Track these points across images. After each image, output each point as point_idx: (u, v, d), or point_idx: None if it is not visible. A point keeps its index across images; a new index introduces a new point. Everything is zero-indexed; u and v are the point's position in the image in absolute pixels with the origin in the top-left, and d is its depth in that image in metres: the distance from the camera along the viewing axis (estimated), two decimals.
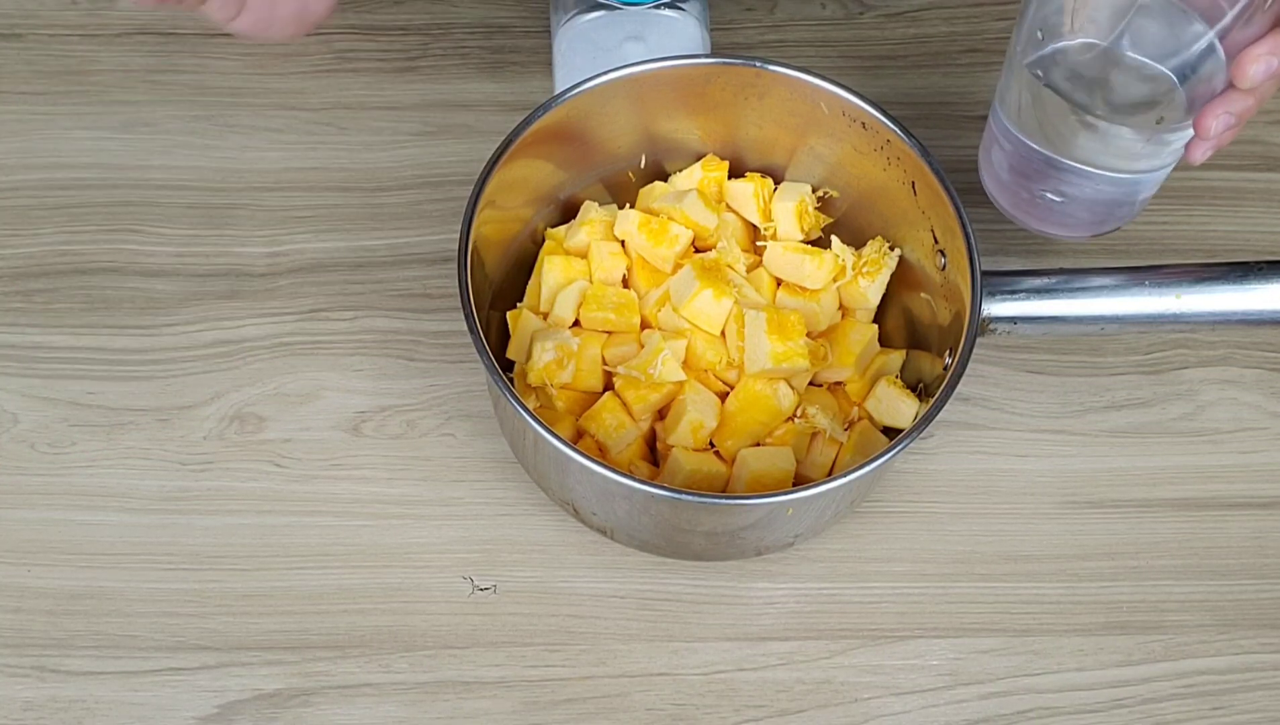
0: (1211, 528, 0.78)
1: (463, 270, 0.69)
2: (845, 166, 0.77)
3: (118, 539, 0.75)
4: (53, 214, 0.83)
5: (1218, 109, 0.68)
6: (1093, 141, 0.73)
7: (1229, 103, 0.68)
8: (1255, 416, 0.80)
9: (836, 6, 0.92)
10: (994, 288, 0.71)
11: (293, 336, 0.80)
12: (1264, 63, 0.66)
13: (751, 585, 0.76)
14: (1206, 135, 0.69)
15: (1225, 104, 0.68)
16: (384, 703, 0.72)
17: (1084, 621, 0.75)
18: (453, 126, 0.86)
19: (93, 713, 0.71)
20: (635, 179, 0.80)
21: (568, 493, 0.71)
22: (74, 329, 0.80)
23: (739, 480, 0.72)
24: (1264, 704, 0.74)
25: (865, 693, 0.73)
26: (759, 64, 0.75)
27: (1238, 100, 0.68)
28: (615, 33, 0.82)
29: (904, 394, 0.74)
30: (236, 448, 0.77)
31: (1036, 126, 0.74)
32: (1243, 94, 0.67)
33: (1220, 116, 0.68)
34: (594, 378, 0.74)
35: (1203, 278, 0.72)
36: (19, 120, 0.86)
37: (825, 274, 0.76)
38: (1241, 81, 0.67)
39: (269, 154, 0.85)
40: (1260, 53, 0.66)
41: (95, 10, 0.90)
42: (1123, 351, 0.82)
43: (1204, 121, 0.69)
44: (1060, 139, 0.73)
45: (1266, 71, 0.66)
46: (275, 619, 0.74)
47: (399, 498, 0.77)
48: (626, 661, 0.74)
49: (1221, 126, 0.69)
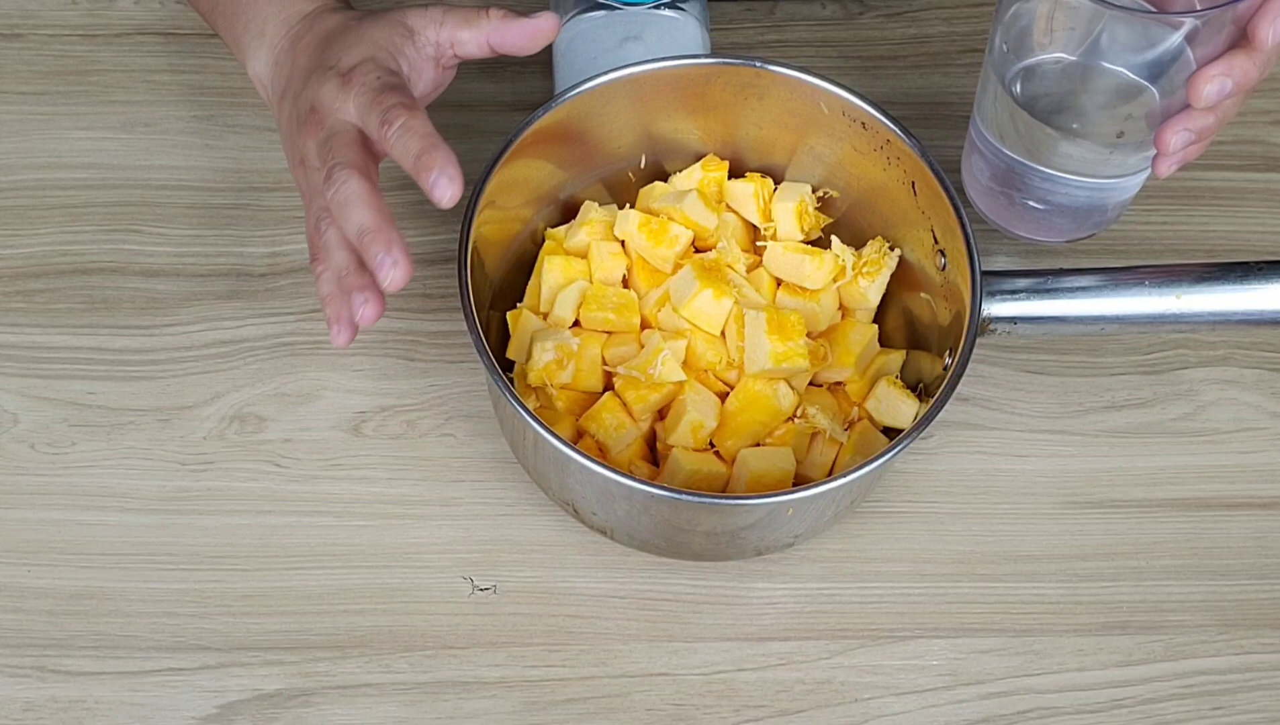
0: (1211, 528, 0.78)
1: (463, 270, 0.69)
2: (845, 166, 0.77)
3: (118, 539, 0.75)
4: (53, 214, 0.83)
5: (1177, 125, 0.69)
6: (1064, 150, 0.74)
7: (1189, 120, 0.68)
8: (1255, 416, 0.80)
9: (836, 6, 0.92)
10: (994, 288, 0.71)
11: (293, 336, 0.80)
12: (1217, 83, 0.66)
13: (751, 585, 0.76)
14: (1165, 151, 0.69)
15: (1185, 121, 0.69)
16: (384, 703, 0.72)
17: (1084, 621, 0.75)
18: (453, 126, 0.86)
19: (93, 713, 0.71)
20: (635, 179, 0.80)
21: (568, 493, 0.71)
22: (74, 329, 0.80)
23: (739, 480, 0.72)
24: (1264, 704, 0.74)
25: (865, 693, 0.73)
26: (759, 64, 0.75)
27: (1198, 117, 0.68)
28: (615, 33, 0.82)
29: (904, 394, 0.74)
30: (236, 448, 0.77)
31: (1012, 136, 0.75)
32: (1202, 112, 0.68)
33: (1180, 133, 0.69)
34: (594, 378, 0.74)
35: (1203, 278, 0.72)
36: (19, 120, 0.86)
37: (825, 274, 0.76)
38: (1196, 101, 0.67)
39: (269, 154, 0.85)
40: (1214, 73, 0.66)
41: (95, 10, 0.90)
42: (1123, 351, 0.82)
43: (1163, 137, 0.69)
44: (1034, 148, 0.75)
45: (1220, 91, 0.66)
46: (275, 619, 0.74)
47: (399, 498, 0.77)
48: (626, 661, 0.74)
49: (1181, 143, 0.69)
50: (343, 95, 0.68)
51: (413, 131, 0.65)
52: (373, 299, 0.66)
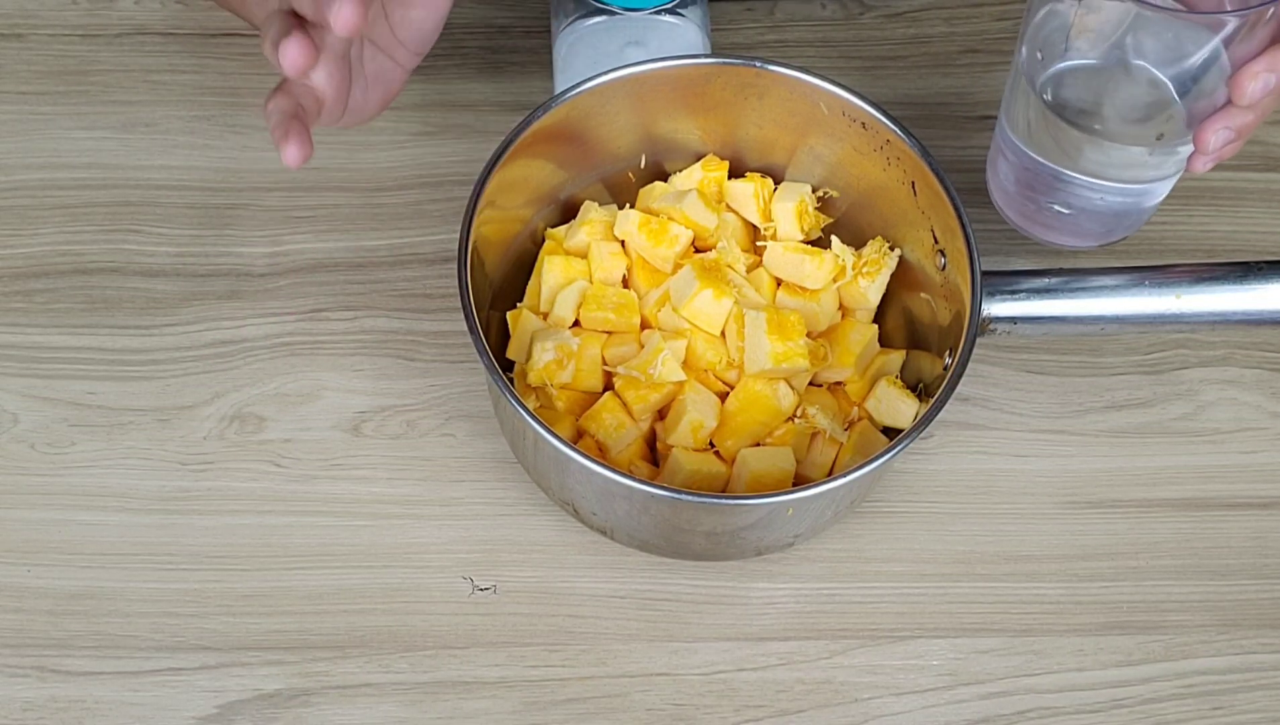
0: (1211, 528, 0.78)
1: (463, 270, 0.69)
2: (845, 166, 0.77)
3: (118, 539, 0.75)
4: (53, 214, 0.83)
5: (1217, 124, 0.68)
6: (1097, 155, 0.73)
7: (1229, 118, 0.68)
8: (1255, 416, 0.80)
9: (836, 6, 0.92)
10: (994, 288, 0.71)
11: (293, 336, 0.80)
12: (1262, 79, 0.66)
13: (751, 585, 0.76)
14: (1205, 150, 0.69)
15: (1225, 119, 0.68)
16: (384, 703, 0.72)
17: (1084, 621, 0.75)
18: (453, 126, 0.86)
19: (93, 713, 0.71)
20: (635, 179, 0.80)
21: (568, 493, 0.71)
22: (74, 329, 0.80)
23: (739, 480, 0.72)
24: (1264, 704, 0.74)
25: (865, 693, 0.73)
26: (759, 64, 0.75)
27: (1237, 115, 0.68)
28: (616, 38, 0.82)
29: (904, 394, 0.74)
30: (236, 448, 0.77)
31: (1042, 141, 0.74)
32: (1242, 109, 0.67)
33: (1219, 131, 0.68)
34: (594, 378, 0.74)
35: (1203, 278, 0.72)
36: (19, 120, 0.86)
37: (825, 274, 0.76)
38: (1239, 98, 0.66)
39: (269, 154, 0.85)
40: (1258, 69, 0.66)
41: (95, 10, 0.90)
42: (1123, 351, 0.82)
43: (1203, 136, 0.68)
44: (1065, 153, 0.74)
45: (1264, 88, 0.66)
46: (275, 619, 0.74)
47: (399, 498, 0.77)
48: (626, 661, 0.74)
49: (1221, 141, 0.68)
50: None
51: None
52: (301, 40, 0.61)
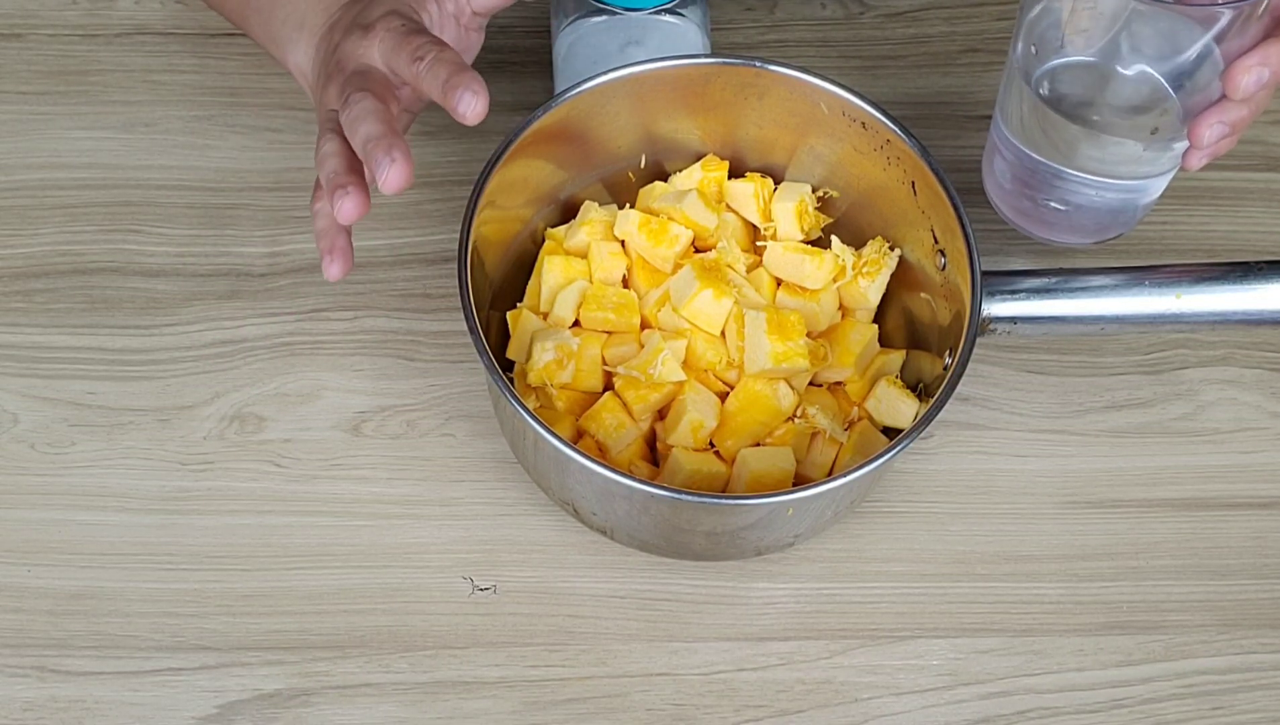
0: (1211, 528, 0.78)
1: (463, 270, 0.69)
2: (845, 166, 0.77)
3: (118, 539, 0.75)
4: (53, 214, 0.83)
5: (1211, 118, 0.68)
6: (1093, 150, 0.73)
7: (1223, 112, 0.68)
8: (1255, 416, 0.80)
9: (836, 6, 0.92)
10: (994, 288, 0.71)
11: (293, 336, 0.80)
12: (1255, 73, 0.66)
13: (751, 585, 0.76)
14: (1200, 145, 0.69)
15: (1219, 113, 0.68)
16: (384, 703, 0.72)
17: (1084, 621, 0.75)
18: (453, 126, 0.86)
19: (93, 713, 0.71)
20: (635, 179, 0.80)
21: (568, 493, 0.71)
22: (74, 329, 0.80)
23: (739, 480, 0.72)
24: (1264, 704, 0.74)
25: (865, 693, 0.73)
26: (759, 64, 0.75)
27: (1231, 110, 0.68)
28: (616, 38, 0.82)
29: (904, 394, 0.74)
30: (236, 448, 0.77)
31: (1037, 137, 0.74)
32: (1237, 104, 0.67)
33: (1214, 126, 0.68)
34: (594, 378, 0.74)
35: (1203, 278, 0.72)
36: (19, 120, 0.86)
37: (825, 274, 0.76)
38: (1233, 92, 0.66)
39: (269, 154, 0.85)
40: (1251, 63, 0.66)
41: (95, 10, 0.90)
42: (1123, 351, 0.82)
43: (1197, 131, 0.69)
44: (1061, 149, 0.74)
45: (1258, 82, 0.66)
46: (275, 619, 0.74)
47: (399, 498, 0.77)
48: (626, 661, 0.74)
49: (1215, 136, 0.68)
50: (366, 43, 0.69)
51: (444, 61, 0.66)
52: (354, 191, 0.64)
